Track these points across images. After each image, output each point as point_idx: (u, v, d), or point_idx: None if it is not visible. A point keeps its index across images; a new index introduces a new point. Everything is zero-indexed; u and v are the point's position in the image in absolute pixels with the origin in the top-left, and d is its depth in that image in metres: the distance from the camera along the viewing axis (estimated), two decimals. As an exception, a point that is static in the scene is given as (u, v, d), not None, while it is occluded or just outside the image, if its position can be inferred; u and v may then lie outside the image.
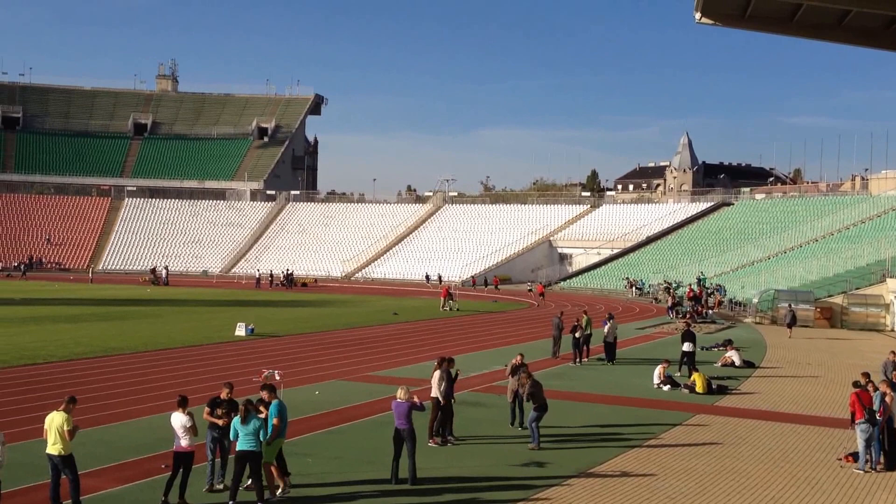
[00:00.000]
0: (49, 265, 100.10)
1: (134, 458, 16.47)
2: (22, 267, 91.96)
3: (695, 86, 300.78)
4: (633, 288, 71.50)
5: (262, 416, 14.41)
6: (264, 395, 14.97)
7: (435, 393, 18.66)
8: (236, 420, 14.03)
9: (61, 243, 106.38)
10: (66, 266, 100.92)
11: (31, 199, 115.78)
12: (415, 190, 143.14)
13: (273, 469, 14.56)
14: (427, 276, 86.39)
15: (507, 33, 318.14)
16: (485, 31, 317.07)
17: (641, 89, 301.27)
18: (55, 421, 13.12)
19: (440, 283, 72.82)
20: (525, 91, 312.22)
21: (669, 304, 54.93)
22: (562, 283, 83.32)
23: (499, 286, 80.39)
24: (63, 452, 13.07)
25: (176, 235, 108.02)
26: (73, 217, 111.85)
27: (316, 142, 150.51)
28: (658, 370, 26.75)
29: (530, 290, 71.83)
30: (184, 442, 13.96)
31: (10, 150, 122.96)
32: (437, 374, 18.90)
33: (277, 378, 19.09)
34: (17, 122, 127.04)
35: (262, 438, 13.98)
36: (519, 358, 20.02)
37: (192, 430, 13.99)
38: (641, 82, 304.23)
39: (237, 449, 14.00)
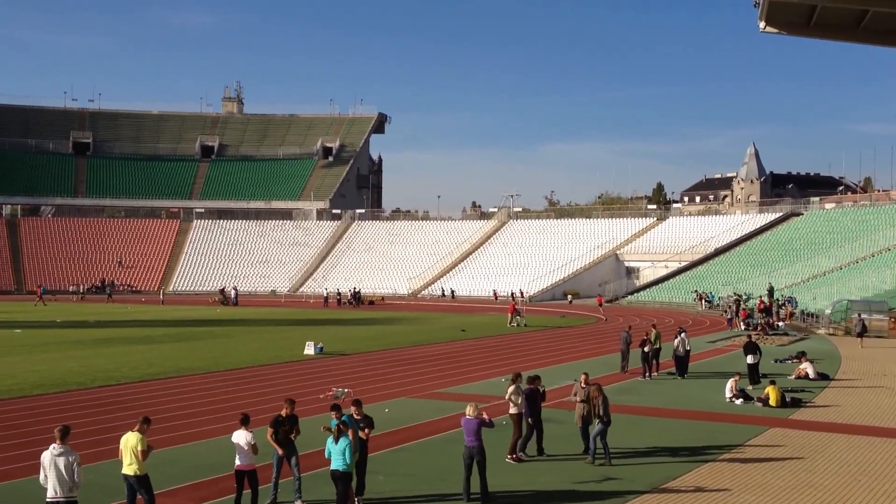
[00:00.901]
0: (121, 287, 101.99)
1: (207, 477, 16.58)
2: (108, 290, 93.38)
3: (761, 95, 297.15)
4: (703, 301, 70.55)
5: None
6: (334, 415, 14.98)
7: (514, 409, 18.52)
8: (330, 440, 14.10)
9: (132, 266, 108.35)
10: (138, 288, 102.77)
11: (102, 222, 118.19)
12: (479, 206, 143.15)
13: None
14: (495, 293, 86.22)
15: (570, 47, 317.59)
16: (548, 46, 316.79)
17: (707, 100, 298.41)
18: (130, 441, 13.23)
19: (512, 298, 72.87)
20: (589, 105, 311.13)
21: (729, 315, 54.40)
22: (629, 296, 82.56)
23: (571, 300, 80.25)
24: (138, 473, 13.18)
25: (244, 256, 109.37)
26: (143, 240, 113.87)
27: (380, 160, 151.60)
28: (730, 384, 26.30)
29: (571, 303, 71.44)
30: (246, 460, 14.08)
31: (81, 175, 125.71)
32: (510, 388, 18.77)
33: (345, 396, 19.11)
34: (87, 148, 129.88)
35: (346, 459, 13.98)
36: (584, 378, 19.56)
37: (254, 448, 14.10)
38: (707, 93, 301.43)
39: (331, 468, 14.02)
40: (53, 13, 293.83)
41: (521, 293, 79.52)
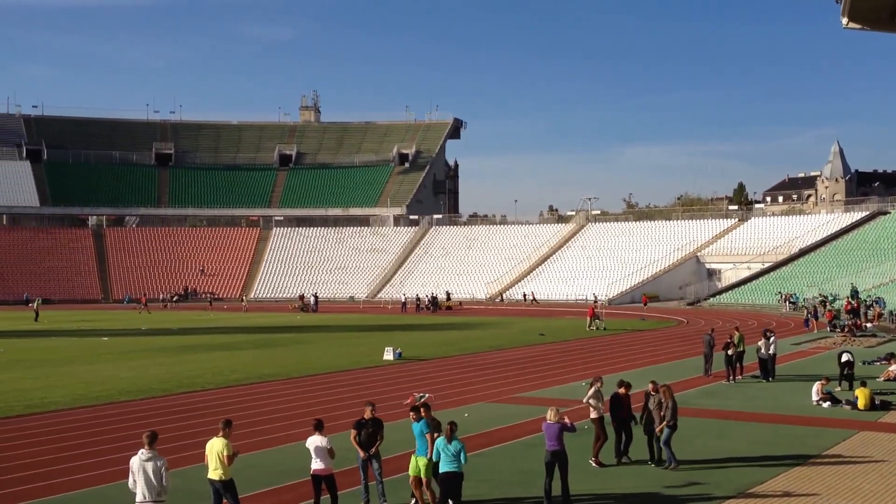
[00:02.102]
0: (203, 295, 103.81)
1: (290, 482, 16.70)
2: (210, 298, 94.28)
3: (844, 92, 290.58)
4: (787, 302, 69.10)
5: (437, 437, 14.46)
6: (413, 416, 15.05)
7: (595, 413, 18.34)
8: (441, 440, 14.09)
9: (214, 273, 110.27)
10: (220, 295, 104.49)
11: (184, 231, 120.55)
12: (556, 210, 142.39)
13: (429, 488, 14.56)
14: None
15: (647, 48, 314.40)
16: (625, 48, 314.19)
17: (789, 98, 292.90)
18: (215, 446, 13.38)
19: (595, 301, 72.47)
20: (667, 106, 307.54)
21: (805, 316, 53.43)
22: (711, 299, 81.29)
23: (646, 303, 79.28)
24: (224, 477, 13.32)
25: (322, 262, 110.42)
26: (224, 248, 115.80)
27: (456, 165, 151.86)
28: (816, 387, 25.65)
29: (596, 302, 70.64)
30: (323, 464, 14.15)
31: (164, 185, 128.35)
32: (590, 392, 18.56)
33: (426, 400, 19.10)
34: (169, 159, 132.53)
35: (462, 460, 14.01)
36: (651, 386, 19.02)
37: (331, 453, 14.16)
38: (788, 91, 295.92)
39: (441, 470, 14.01)
40: (136, 29, 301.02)
41: (596, 297, 78.79)
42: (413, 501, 14.89)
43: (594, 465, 17.93)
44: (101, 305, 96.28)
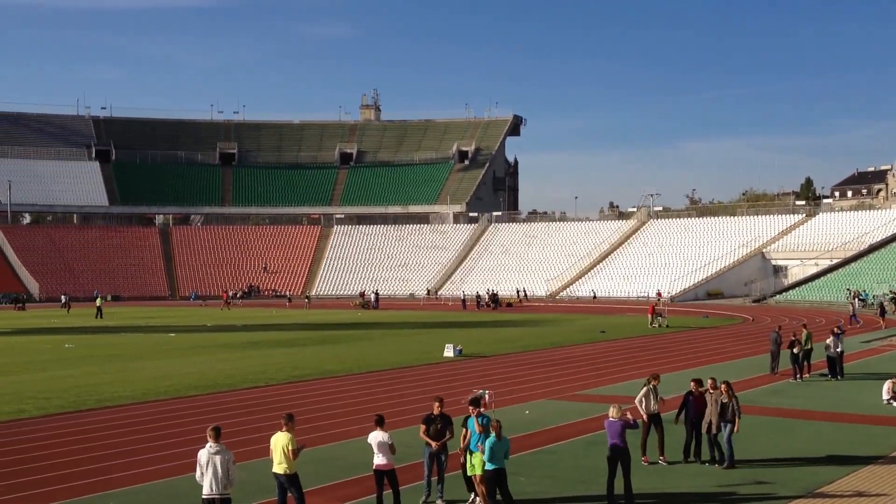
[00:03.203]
0: (266, 293, 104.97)
1: (351, 476, 16.82)
2: (288, 295, 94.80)
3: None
4: (857, 299, 67.76)
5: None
6: (471, 409, 15.05)
7: (647, 410, 18.15)
8: (493, 438, 14.14)
9: (276, 271, 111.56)
10: (282, 293, 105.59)
11: (247, 229, 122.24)
12: (617, 206, 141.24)
13: (482, 484, 14.60)
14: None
15: (709, 40, 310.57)
16: (687, 39, 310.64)
17: (857, 91, 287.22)
18: (280, 441, 13.52)
19: (659, 297, 72.00)
20: (731, 100, 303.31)
21: (851, 311, 52.50)
22: (777, 296, 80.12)
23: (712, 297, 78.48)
24: (289, 471, 13.47)
25: (383, 260, 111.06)
26: (286, 245, 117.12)
27: (516, 162, 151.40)
28: (887, 385, 25.13)
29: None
30: (385, 459, 14.22)
31: (227, 184, 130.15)
32: (642, 390, 18.43)
33: (487, 398, 19.10)
34: (233, 158, 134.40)
35: (507, 457, 14.19)
36: (711, 383, 18.63)
37: (392, 448, 14.23)
38: (856, 83, 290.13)
39: (496, 466, 14.08)
40: (201, 30, 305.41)
41: (659, 294, 78.06)
42: (474, 498, 14.90)
43: (662, 462, 17.81)
44: (167, 302, 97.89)
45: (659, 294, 77.40)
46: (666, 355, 37.89)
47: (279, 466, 13.51)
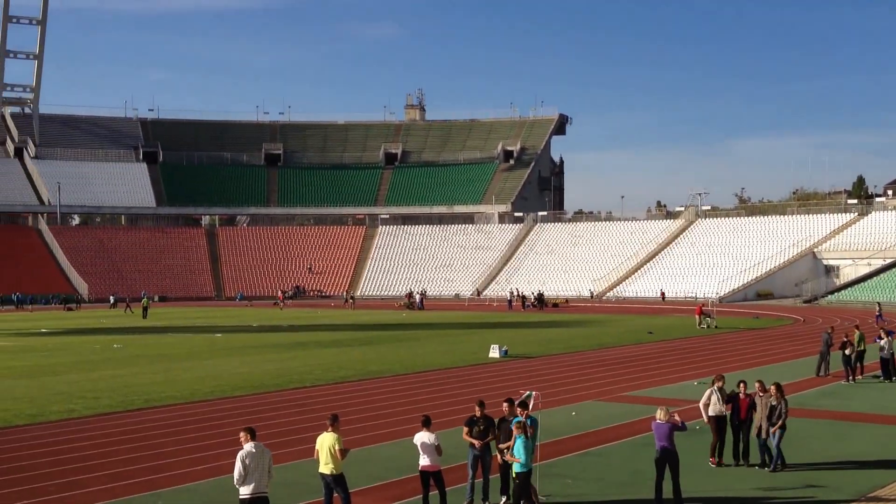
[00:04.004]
0: (311, 293, 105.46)
1: (397, 477, 16.80)
2: (346, 296, 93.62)
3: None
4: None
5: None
6: (519, 411, 14.96)
7: (713, 412, 17.96)
8: (523, 438, 14.07)
9: (321, 271, 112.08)
10: (327, 293, 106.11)
11: (292, 230, 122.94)
12: (665, 206, 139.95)
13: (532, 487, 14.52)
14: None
15: (759, 37, 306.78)
16: (735, 37, 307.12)
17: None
18: (326, 441, 13.54)
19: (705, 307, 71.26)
20: (781, 97, 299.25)
21: (878, 311, 51.62)
22: (828, 296, 78.97)
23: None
24: (335, 472, 13.49)
25: (428, 260, 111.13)
26: (331, 246, 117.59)
27: (561, 161, 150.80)
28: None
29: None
30: (431, 460, 14.16)
31: (273, 185, 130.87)
32: (707, 391, 18.19)
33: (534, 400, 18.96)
34: (278, 159, 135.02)
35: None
36: (759, 386, 18.24)
37: (438, 450, 14.16)
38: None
39: (529, 468, 14.02)
40: (246, 32, 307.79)
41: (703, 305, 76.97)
42: (506, 501, 14.82)
43: (711, 464, 17.61)
44: (214, 303, 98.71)
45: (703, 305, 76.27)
46: (714, 357, 37.50)
47: (325, 467, 13.52)
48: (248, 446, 12.45)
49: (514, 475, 14.19)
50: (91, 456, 18.90)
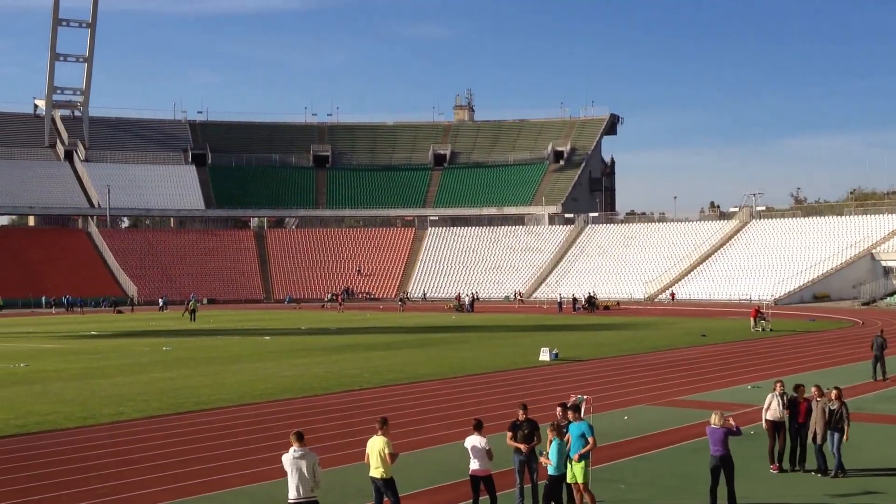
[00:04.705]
0: (360, 295, 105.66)
1: (447, 482, 16.66)
2: (403, 296, 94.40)
3: None
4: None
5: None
6: (571, 415, 14.76)
7: (771, 416, 17.58)
8: (557, 441, 13.89)
9: (370, 274, 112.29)
10: (376, 295, 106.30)
11: (341, 232, 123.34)
12: (718, 206, 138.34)
13: (587, 491, 14.29)
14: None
15: (815, 33, 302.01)
16: (793, 34, 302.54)
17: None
18: (376, 445, 13.43)
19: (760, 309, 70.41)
20: (840, 94, 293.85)
21: None
22: (887, 298, 77.48)
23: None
24: (385, 476, 13.37)
25: (477, 262, 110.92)
26: (380, 248, 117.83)
27: (613, 162, 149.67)
28: None
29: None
30: (481, 465, 13.97)
31: (321, 187, 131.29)
32: (769, 396, 17.83)
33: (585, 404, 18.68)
34: (326, 161, 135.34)
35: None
36: (816, 391, 17.78)
37: (489, 454, 13.97)
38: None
39: (553, 473, 13.83)
40: (294, 33, 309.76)
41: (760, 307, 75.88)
42: None
43: (773, 471, 17.28)
44: (262, 305, 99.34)
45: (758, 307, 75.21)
46: (770, 360, 36.86)
47: (376, 471, 13.42)
48: (290, 451, 12.35)
49: (582, 482, 14.10)
50: (140, 459, 18.93)
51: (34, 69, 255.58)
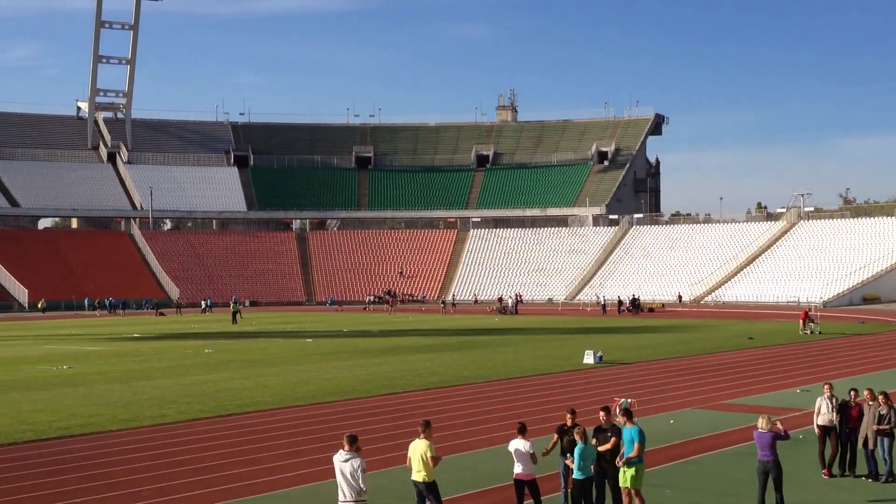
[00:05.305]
0: (402, 297, 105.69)
1: (491, 486, 16.52)
2: (450, 298, 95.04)
3: None
4: None
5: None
6: (622, 419, 14.57)
7: (822, 421, 17.24)
8: (581, 445, 13.75)
9: (413, 275, 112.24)
10: (418, 297, 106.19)
11: (383, 234, 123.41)
12: (765, 207, 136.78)
13: (639, 496, 14.10)
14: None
15: (861, 33, 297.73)
16: (837, 33, 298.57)
17: None
18: (419, 448, 13.29)
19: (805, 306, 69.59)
20: (888, 94, 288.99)
21: None
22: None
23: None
24: (427, 479, 13.24)
25: (520, 264, 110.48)
26: (422, 250, 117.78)
27: (657, 162, 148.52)
28: None
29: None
30: (525, 468, 13.82)
31: (363, 188, 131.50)
32: (818, 399, 17.49)
33: (630, 405, 18.46)
34: (368, 162, 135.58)
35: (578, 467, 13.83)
36: (868, 394, 17.32)
37: (533, 458, 13.81)
38: None
39: (576, 477, 13.68)
40: (336, 34, 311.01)
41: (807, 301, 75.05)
42: None
43: (825, 476, 16.95)
44: (304, 307, 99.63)
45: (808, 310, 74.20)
46: (818, 363, 36.35)
47: (418, 474, 13.29)
48: (338, 453, 12.30)
49: (629, 486, 13.99)
50: (184, 462, 18.94)
51: (77, 71, 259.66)
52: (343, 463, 12.12)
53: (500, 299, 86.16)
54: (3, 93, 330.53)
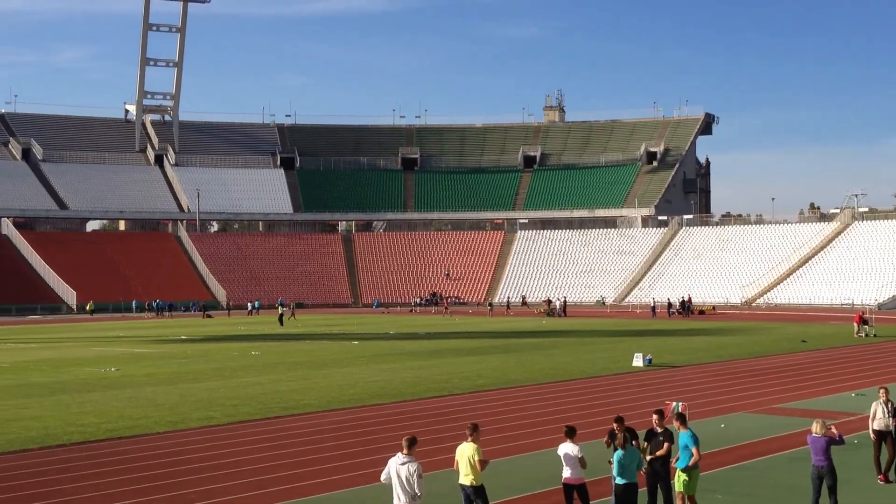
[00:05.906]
0: (449, 299, 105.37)
1: (539, 490, 16.40)
2: (508, 301, 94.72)
3: None
4: None
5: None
6: (675, 424, 14.43)
7: (878, 426, 16.87)
8: (620, 452, 13.51)
9: (459, 277, 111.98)
10: (464, 299, 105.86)
11: (429, 235, 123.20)
12: (818, 207, 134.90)
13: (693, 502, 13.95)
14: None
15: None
16: (890, 30, 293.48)
17: None
18: (466, 451, 13.21)
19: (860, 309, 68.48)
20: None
21: None
22: None
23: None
24: (475, 483, 13.15)
25: (568, 266, 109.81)
26: (469, 251, 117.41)
27: (708, 163, 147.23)
28: None
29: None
30: (575, 473, 13.66)
31: (409, 190, 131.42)
32: (873, 404, 17.13)
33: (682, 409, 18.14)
34: (415, 163, 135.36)
35: (639, 469, 13.66)
36: None
37: (582, 462, 13.62)
38: None
39: (617, 483, 13.44)
40: (382, 35, 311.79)
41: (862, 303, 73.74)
42: None
43: (880, 482, 16.58)
44: (350, 310, 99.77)
45: (862, 312, 72.87)
46: (873, 367, 35.70)
47: (465, 478, 13.21)
48: (396, 455, 12.28)
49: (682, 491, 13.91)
50: (230, 464, 18.96)
51: (125, 74, 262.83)
52: (400, 466, 12.08)
53: (548, 301, 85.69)
54: (52, 95, 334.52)
